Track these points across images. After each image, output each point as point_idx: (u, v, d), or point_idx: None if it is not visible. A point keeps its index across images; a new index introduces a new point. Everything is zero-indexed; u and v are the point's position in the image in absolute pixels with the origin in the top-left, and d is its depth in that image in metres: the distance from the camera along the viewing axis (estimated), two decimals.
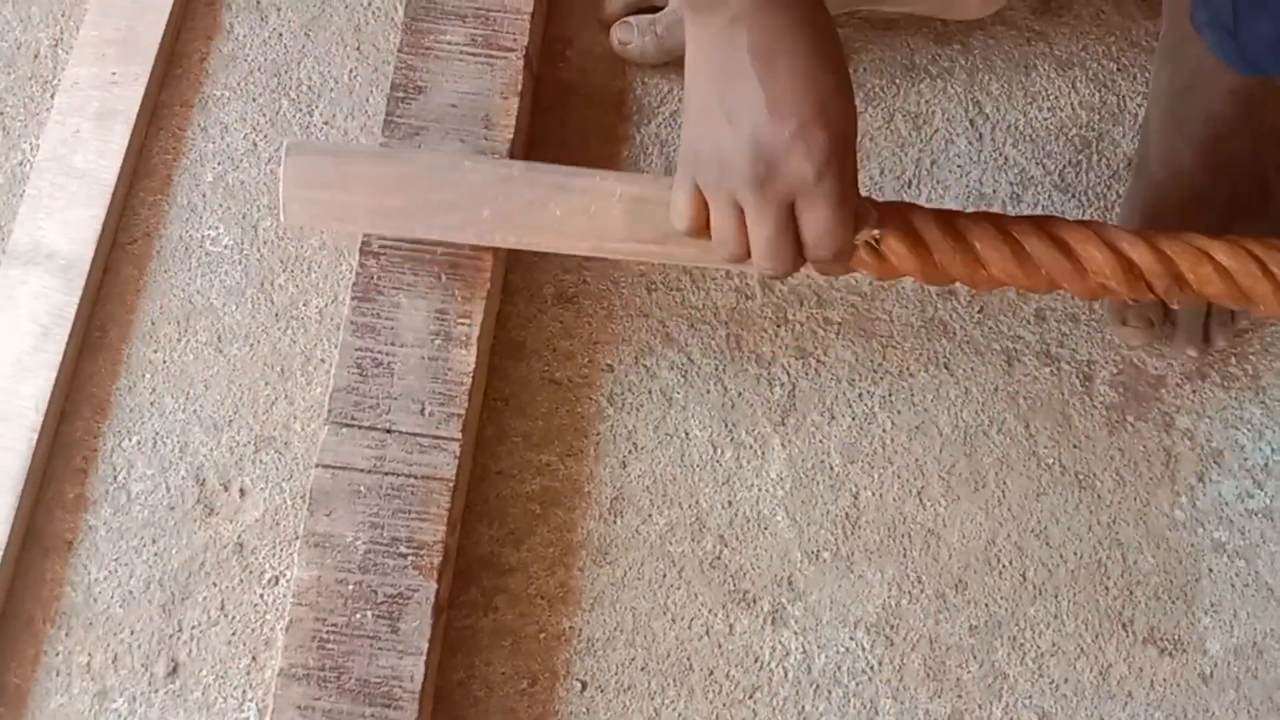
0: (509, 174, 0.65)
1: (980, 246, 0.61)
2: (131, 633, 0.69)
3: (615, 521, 0.72)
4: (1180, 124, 0.75)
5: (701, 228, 0.58)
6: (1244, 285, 0.62)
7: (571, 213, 0.64)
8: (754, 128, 0.53)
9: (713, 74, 0.54)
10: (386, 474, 0.66)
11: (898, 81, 0.81)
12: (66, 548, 0.70)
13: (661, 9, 0.79)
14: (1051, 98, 0.81)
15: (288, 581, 0.69)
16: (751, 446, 0.73)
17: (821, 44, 0.53)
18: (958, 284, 0.63)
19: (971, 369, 0.75)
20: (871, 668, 0.70)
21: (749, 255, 0.57)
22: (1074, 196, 0.79)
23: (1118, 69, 0.81)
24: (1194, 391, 0.75)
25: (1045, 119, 0.81)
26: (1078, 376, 0.75)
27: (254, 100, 0.79)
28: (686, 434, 0.74)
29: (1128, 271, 0.61)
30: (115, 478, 0.71)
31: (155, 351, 0.74)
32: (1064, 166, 0.80)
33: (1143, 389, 0.75)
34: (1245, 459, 0.74)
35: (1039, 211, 0.78)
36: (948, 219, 0.61)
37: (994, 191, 0.79)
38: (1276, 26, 0.64)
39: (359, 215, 0.66)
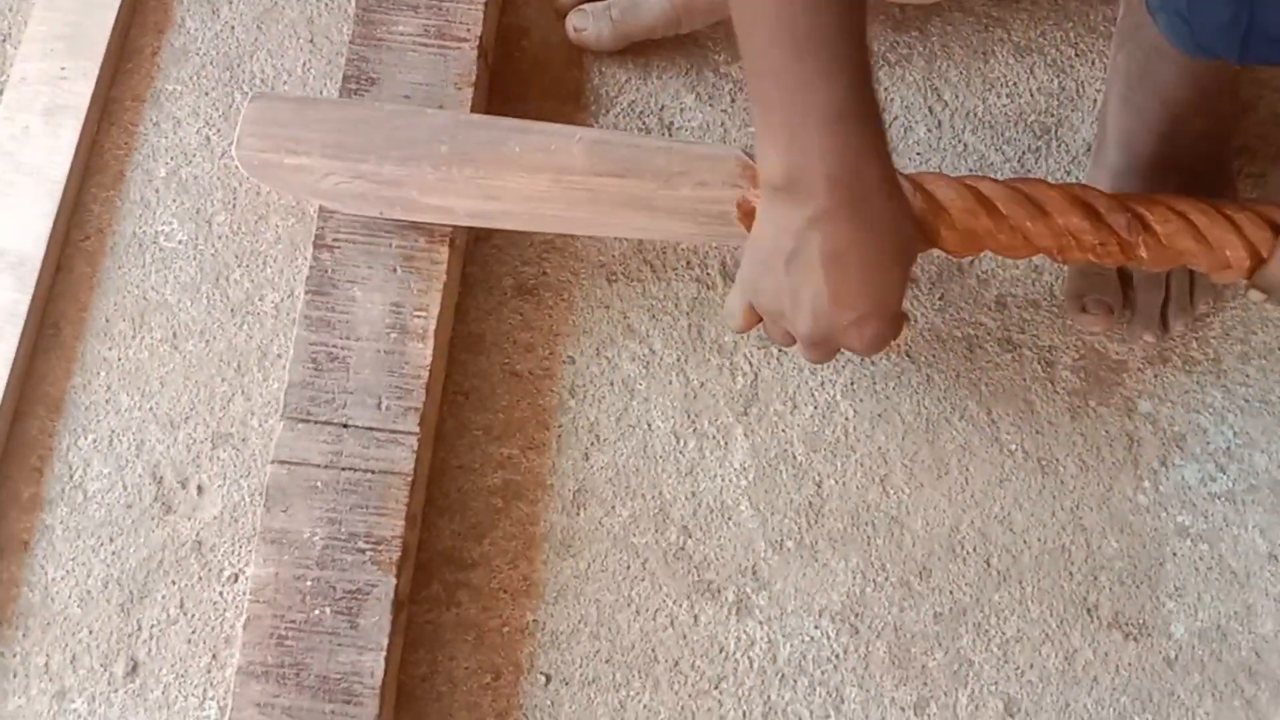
0: (470, 120, 0.68)
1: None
2: (90, 632, 0.68)
3: (578, 514, 0.72)
4: (1137, 108, 0.75)
5: (749, 328, 0.66)
6: (1213, 239, 0.62)
7: (530, 150, 0.65)
8: (815, 309, 0.59)
9: (782, 246, 0.58)
10: (343, 469, 0.66)
11: None
12: (23, 548, 0.69)
13: None
14: (1010, 84, 0.81)
15: (247, 578, 0.69)
16: (714, 437, 0.73)
17: (893, 242, 0.58)
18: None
19: (933, 356, 0.75)
20: (837, 656, 0.70)
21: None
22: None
23: (1076, 54, 0.81)
24: (1156, 376, 0.75)
25: (1004, 105, 0.80)
26: (1039, 362, 0.75)
27: (207, 94, 0.78)
28: (649, 425, 0.73)
29: (1095, 222, 0.62)
30: (71, 477, 0.71)
31: (110, 349, 0.73)
32: (1023, 152, 0.79)
33: (1104, 374, 0.75)
34: (1208, 443, 0.74)
35: None
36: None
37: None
38: (1228, 11, 0.64)
39: (314, 150, 0.67)
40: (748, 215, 0.65)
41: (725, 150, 0.66)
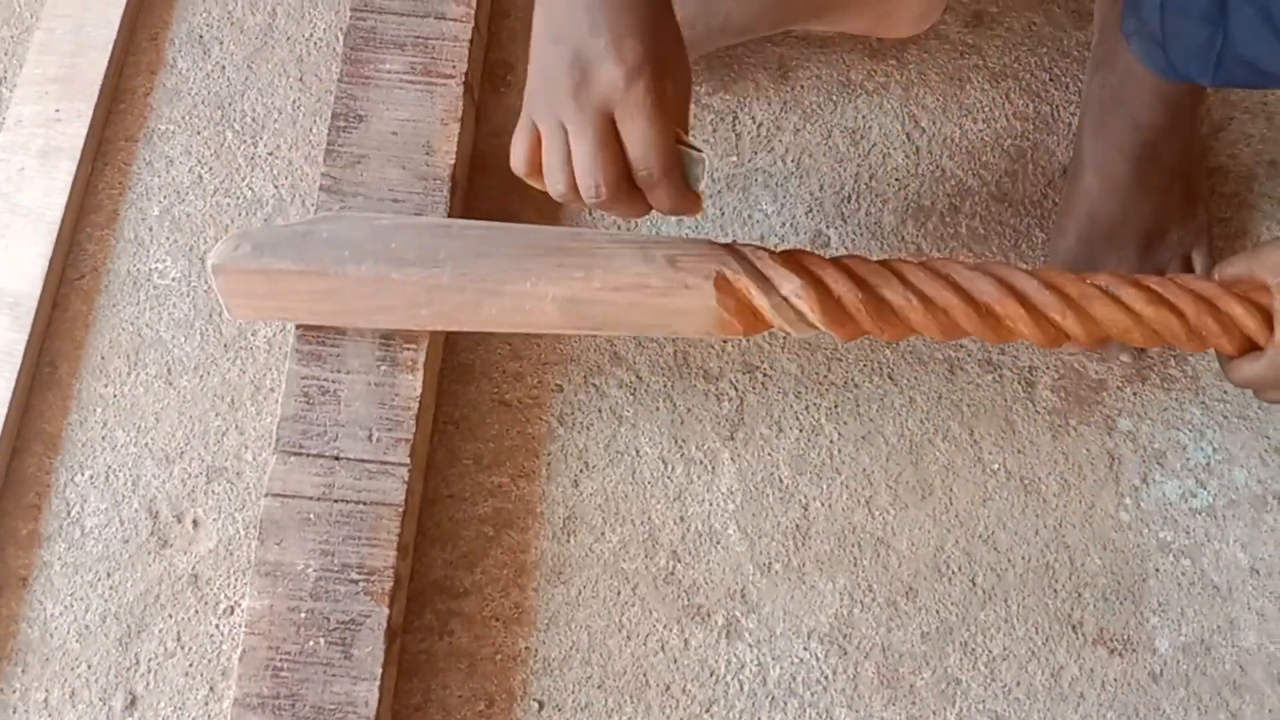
0: (438, 281, 0.64)
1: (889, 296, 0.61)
2: (89, 667, 0.69)
3: (568, 540, 0.73)
4: (1112, 132, 0.76)
5: (535, 167, 0.59)
6: (1159, 329, 0.62)
7: (505, 311, 0.65)
8: (576, 44, 0.54)
9: (550, 11, 0.56)
10: (336, 501, 0.67)
11: (835, 98, 0.82)
12: (21, 584, 0.70)
13: None
14: (986, 109, 0.82)
15: (242, 611, 0.70)
16: (701, 462, 0.74)
17: None
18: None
19: (915, 378, 0.76)
20: (826, 677, 0.71)
21: (573, 180, 0.57)
22: (1011, 205, 0.80)
23: (1050, 79, 0.83)
24: (1135, 394, 0.77)
25: (980, 130, 0.82)
26: (1020, 383, 0.77)
27: (198, 133, 0.79)
28: (637, 451, 0.74)
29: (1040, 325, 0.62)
30: (69, 513, 0.72)
31: (106, 386, 0.74)
32: (1000, 176, 0.81)
33: (1084, 393, 0.77)
34: (1187, 459, 0.76)
35: (977, 222, 0.79)
36: (851, 267, 0.62)
37: (932, 204, 0.80)
38: (1201, 34, 0.65)
39: (301, 313, 0.68)
40: (723, 284, 0.64)
41: (701, 301, 0.63)
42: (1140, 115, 0.76)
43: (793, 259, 0.63)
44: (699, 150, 0.58)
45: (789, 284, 0.61)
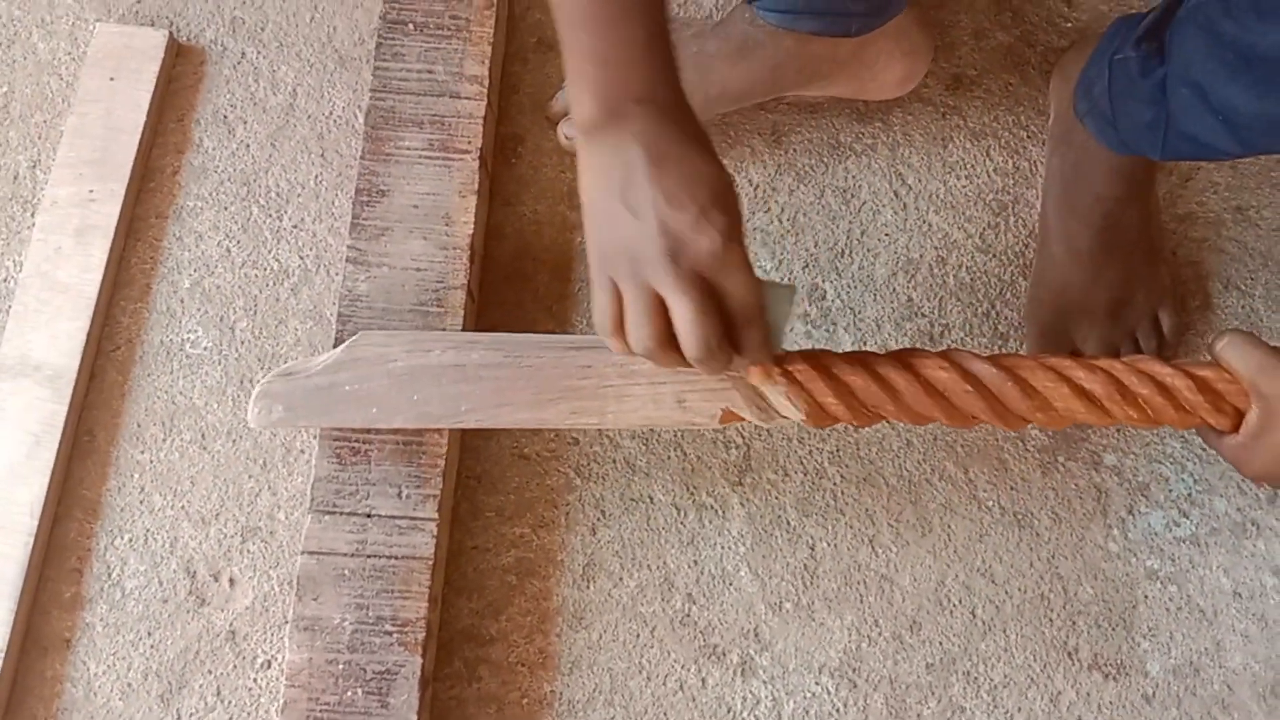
0: (458, 409, 0.68)
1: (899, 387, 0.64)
2: None
3: (588, 587, 0.76)
4: (1074, 206, 0.81)
5: (619, 325, 0.59)
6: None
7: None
8: (658, 216, 0.56)
9: (612, 182, 0.58)
10: (369, 556, 0.70)
11: (825, 160, 0.86)
12: (65, 645, 0.73)
13: None
14: (968, 166, 0.87)
15: (280, 664, 0.73)
16: (713, 507, 0.78)
17: (705, 150, 0.58)
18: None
19: None
20: (837, 710, 0.74)
21: (667, 340, 0.57)
22: (995, 256, 0.84)
23: (1027, 135, 0.87)
24: (1118, 430, 0.81)
25: (963, 186, 0.86)
26: None
27: (226, 209, 0.83)
28: (651, 499, 0.78)
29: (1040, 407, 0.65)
30: (109, 575, 0.74)
31: (142, 452, 0.77)
32: (984, 229, 0.85)
33: (1071, 431, 0.81)
34: (1170, 490, 0.80)
35: (964, 273, 0.83)
36: (861, 361, 0.65)
37: (920, 256, 0.84)
38: (1147, 114, 0.71)
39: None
40: (729, 417, 0.67)
41: (705, 409, 0.67)
42: (1100, 188, 0.80)
43: (795, 378, 0.65)
44: (788, 285, 0.63)
45: (784, 405, 0.65)
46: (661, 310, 0.57)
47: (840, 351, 0.66)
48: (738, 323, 0.58)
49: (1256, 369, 0.62)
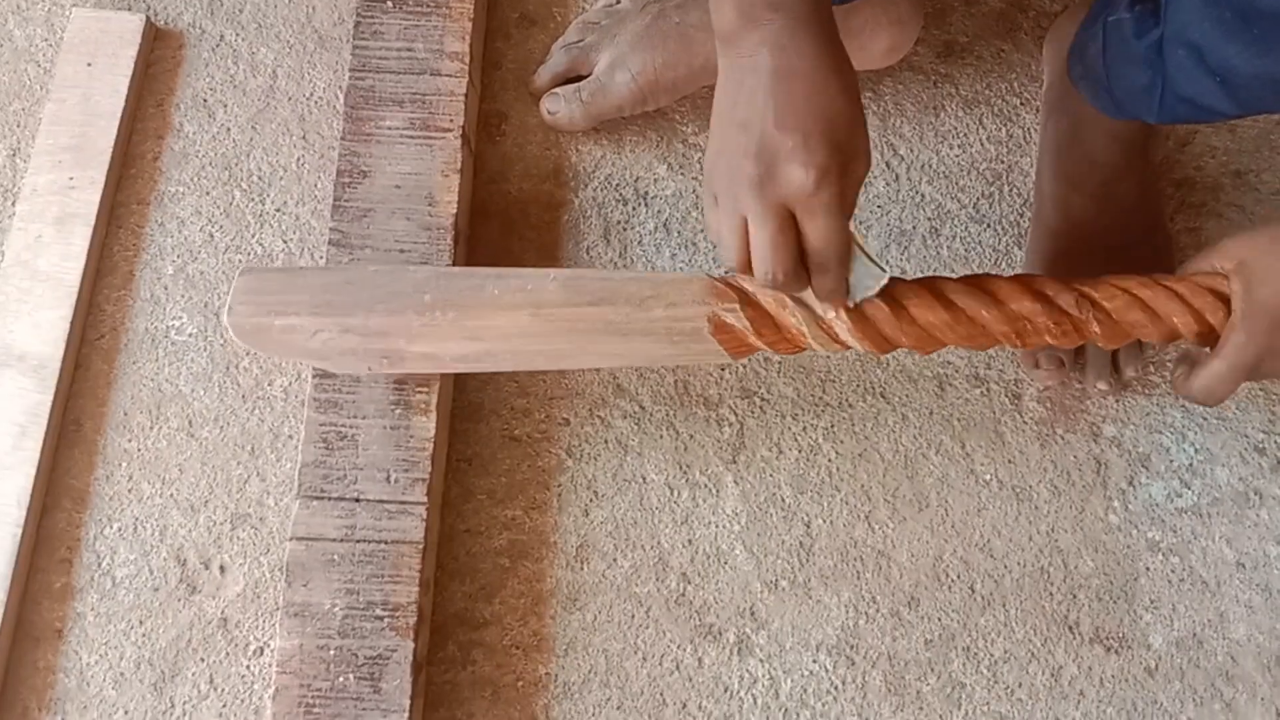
0: (450, 271, 0.69)
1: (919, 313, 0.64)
2: (125, 713, 0.71)
3: (582, 568, 0.75)
4: (1069, 173, 0.80)
5: (737, 231, 0.58)
6: (1160, 311, 0.65)
7: (508, 290, 0.67)
8: (761, 135, 0.55)
9: (734, 94, 0.57)
10: (358, 541, 0.70)
11: None
12: (57, 635, 0.72)
13: (585, 78, 0.83)
14: (961, 135, 0.86)
15: (272, 651, 0.72)
16: (706, 486, 0.77)
17: (836, 73, 0.56)
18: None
19: (906, 395, 0.79)
20: (835, 688, 0.73)
21: (747, 261, 0.58)
22: (989, 227, 0.83)
23: (1021, 103, 0.86)
24: (1118, 401, 0.80)
25: (956, 156, 0.85)
26: (1007, 395, 0.80)
27: (208, 193, 0.82)
28: (644, 478, 0.77)
29: (1046, 304, 0.65)
30: (99, 565, 0.74)
31: (129, 440, 0.77)
32: (977, 199, 0.84)
33: (1069, 402, 0.80)
34: (1171, 461, 0.79)
35: (958, 244, 0.82)
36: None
37: (914, 228, 0.83)
38: (1143, 77, 0.69)
39: (302, 310, 0.67)
40: (720, 329, 0.66)
41: (692, 274, 0.67)
42: (1095, 154, 0.79)
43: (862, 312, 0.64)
44: (883, 269, 0.61)
45: (848, 336, 0.65)
46: (744, 231, 0.57)
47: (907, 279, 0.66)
48: (811, 265, 0.57)
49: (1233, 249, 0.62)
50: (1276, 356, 0.62)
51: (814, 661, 0.74)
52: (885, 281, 0.61)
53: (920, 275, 0.81)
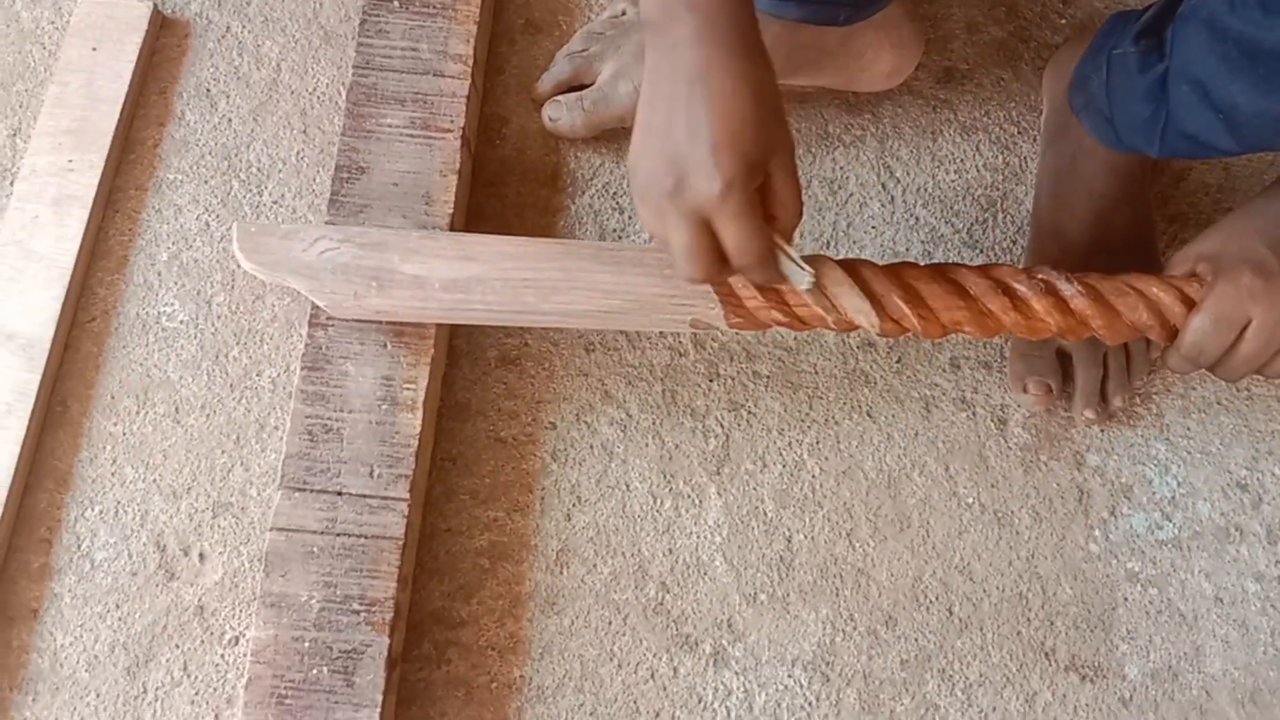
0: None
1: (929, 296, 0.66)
2: (97, 696, 0.71)
3: (561, 573, 0.75)
4: (1067, 202, 0.80)
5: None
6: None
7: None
8: (673, 144, 0.55)
9: (652, 92, 0.57)
10: (338, 535, 0.69)
11: (814, 150, 0.85)
12: (32, 616, 0.72)
13: (588, 87, 0.83)
14: (957, 161, 0.86)
15: (247, 641, 0.72)
16: (689, 496, 0.77)
17: (751, 74, 0.56)
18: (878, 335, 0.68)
19: (892, 416, 0.80)
20: (810, 704, 0.73)
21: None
22: (982, 252, 0.84)
23: (1018, 131, 0.87)
24: (1102, 431, 0.80)
25: (952, 181, 0.86)
26: (992, 420, 0.80)
27: (206, 182, 0.82)
28: (627, 486, 0.77)
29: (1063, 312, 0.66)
30: (79, 547, 0.74)
31: (115, 424, 0.77)
32: (971, 224, 0.84)
33: (1054, 429, 0.80)
34: (1153, 492, 0.79)
35: None
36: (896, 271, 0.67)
37: (907, 250, 0.83)
38: (1145, 110, 0.70)
39: (305, 226, 0.70)
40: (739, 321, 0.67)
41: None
42: (1093, 185, 0.79)
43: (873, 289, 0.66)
44: (805, 269, 0.61)
45: (860, 313, 0.66)
46: (663, 232, 0.58)
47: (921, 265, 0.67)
48: (734, 265, 0.58)
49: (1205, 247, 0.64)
50: (1258, 300, 0.62)
51: (789, 676, 0.74)
52: (811, 279, 0.62)
53: None
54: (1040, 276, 0.66)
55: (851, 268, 0.66)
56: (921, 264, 0.68)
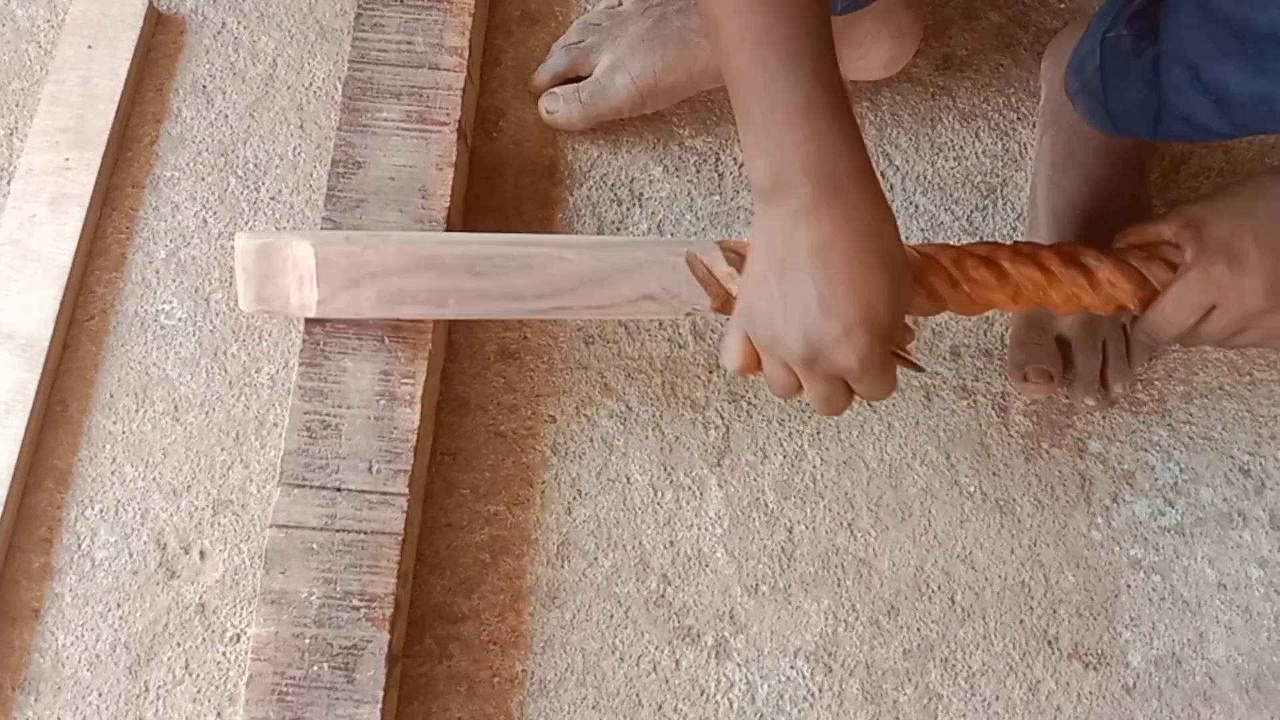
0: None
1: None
2: (99, 695, 0.71)
3: (562, 566, 0.75)
4: (1064, 187, 0.80)
5: (750, 368, 0.62)
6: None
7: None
8: (805, 319, 0.56)
9: (774, 256, 0.57)
10: (338, 531, 0.69)
11: None
12: (34, 615, 0.72)
13: (585, 79, 0.83)
14: (956, 148, 0.86)
15: (248, 638, 0.72)
16: (690, 488, 0.77)
17: (876, 243, 0.56)
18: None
19: (893, 405, 0.79)
20: (812, 695, 0.73)
21: (795, 394, 0.62)
22: (982, 239, 0.83)
23: (1017, 118, 0.86)
24: (1104, 418, 0.80)
25: (951, 168, 0.85)
26: (994, 408, 0.80)
27: (203, 179, 0.82)
28: (628, 479, 0.77)
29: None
30: (79, 546, 0.74)
31: (115, 423, 0.77)
32: (971, 211, 0.84)
33: (1055, 417, 0.80)
34: (1156, 479, 0.79)
35: None
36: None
37: (906, 238, 0.82)
38: (1139, 94, 0.69)
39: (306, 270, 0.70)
40: (695, 265, 0.69)
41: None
42: (1090, 170, 0.79)
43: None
44: (920, 369, 0.66)
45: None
46: (794, 379, 0.60)
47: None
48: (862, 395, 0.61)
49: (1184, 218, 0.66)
50: (1225, 291, 0.63)
51: (791, 668, 0.74)
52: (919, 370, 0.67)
53: None
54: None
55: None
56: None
